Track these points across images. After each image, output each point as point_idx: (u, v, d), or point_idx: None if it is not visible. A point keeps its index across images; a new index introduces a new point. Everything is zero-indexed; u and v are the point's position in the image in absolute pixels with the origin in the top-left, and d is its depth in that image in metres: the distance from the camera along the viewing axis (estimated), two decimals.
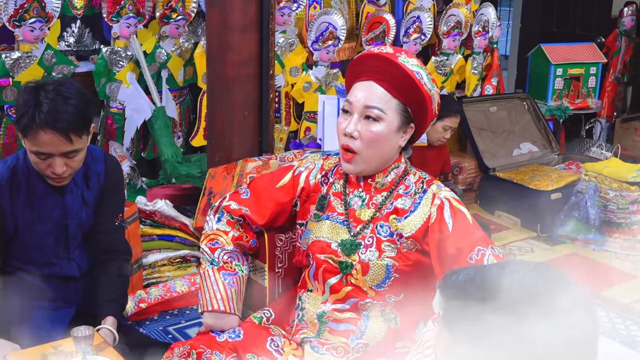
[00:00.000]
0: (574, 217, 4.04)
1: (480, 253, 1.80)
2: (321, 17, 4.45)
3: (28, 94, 2.03)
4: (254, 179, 2.11)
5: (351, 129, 1.86)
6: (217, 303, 1.97)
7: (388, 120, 1.86)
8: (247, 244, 2.06)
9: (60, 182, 2.13)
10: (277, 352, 1.91)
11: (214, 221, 2.06)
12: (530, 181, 4.25)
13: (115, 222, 2.31)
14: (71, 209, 2.21)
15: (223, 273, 1.99)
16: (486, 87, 5.45)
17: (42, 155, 2.04)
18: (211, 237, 2.03)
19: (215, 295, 1.98)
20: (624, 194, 4.06)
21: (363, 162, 1.88)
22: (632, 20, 5.80)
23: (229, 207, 2.05)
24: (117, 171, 2.33)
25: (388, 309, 1.91)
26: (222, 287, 1.98)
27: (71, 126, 2.01)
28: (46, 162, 2.06)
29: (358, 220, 1.92)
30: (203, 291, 2.00)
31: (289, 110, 4.59)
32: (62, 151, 2.04)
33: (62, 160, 2.06)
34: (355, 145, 1.87)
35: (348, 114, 1.89)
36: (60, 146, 2.03)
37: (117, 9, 3.97)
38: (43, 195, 2.18)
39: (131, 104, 4.08)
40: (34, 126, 1.99)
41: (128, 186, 4.03)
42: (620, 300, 3.31)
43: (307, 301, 1.97)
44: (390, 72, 1.84)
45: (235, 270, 2.02)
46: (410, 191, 1.91)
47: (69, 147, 2.04)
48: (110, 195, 2.29)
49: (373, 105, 1.85)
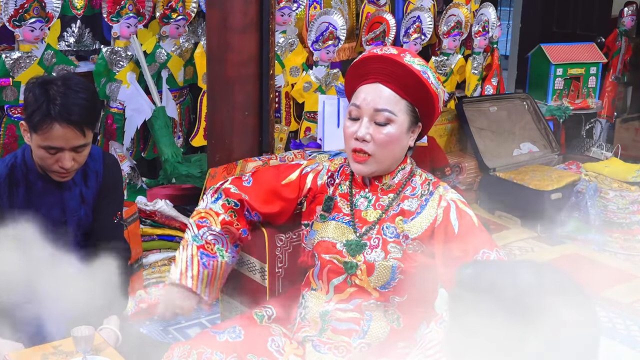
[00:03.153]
0: (574, 217, 4.04)
1: (485, 256, 1.80)
2: (321, 17, 4.45)
3: (38, 89, 2.03)
4: (258, 170, 2.10)
5: (363, 133, 1.84)
6: (185, 279, 1.95)
7: (399, 121, 1.85)
8: (236, 232, 2.04)
9: (66, 177, 2.14)
10: (277, 353, 1.90)
11: (210, 201, 2.05)
12: (530, 181, 4.24)
13: (114, 219, 2.31)
14: (70, 206, 2.21)
15: (201, 252, 1.98)
16: (486, 87, 5.45)
17: (53, 149, 2.05)
18: (202, 215, 2.03)
19: (187, 272, 1.96)
20: (624, 194, 4.06)
21: (376, 163, 1.87)
22: (632, 20, 5.80)
23: (228, 191, 2.05)
24: (116, 169, 2.34)
25: (391, 310, 1.91)
26: (197, 265, 1.96)
27: (85, 119, 2.04)
28: (55, 157, 2.07)
29: (364, 221, 1.91)
30: (176, 263, 1.98)
31: (289, 110, 4.59)
32: (73, 145, 2.05)
33: (70, 155, 2.07)
34: (368, 148, 1.85)
35: (356, 118, 1.88)
36: (72, 140, 2.04)
37: (117, 9, 3.97)
38: (41, 192, 2.18)
39: (131, 104, 4.08)
40: (49, 120, 2.00)
41: (128, 186, 4.02)
42: (620, 300, 3.30)
43: (310, 300, 1.96)
44: (397, 73, 1.83)
45: (216, 253, 2.00)
46: (417, 193, 1.91)
47: (80, 140, 2.05)
48: (109, 193, 2.29)
49: (383, 108, 1.84)
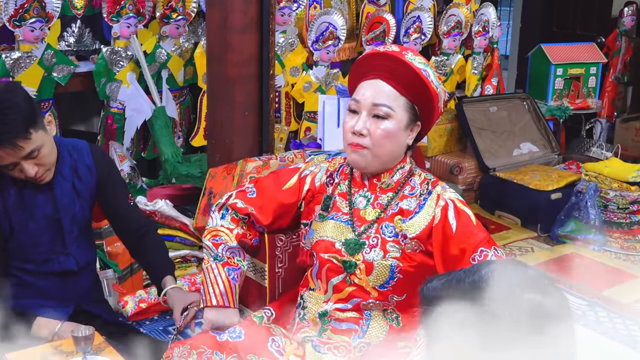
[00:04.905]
0: (574, 217, 4.03)
1: (483, 254, 1.80)
2: (321, 17, 4.45)
3: None
4: (260, 179, 2.12)
5: (360, 127, 1.86)
6: (219, 298, 1.99)
7: (397, 117, 1.86)
8: (249, 242, 2.07)
9: (43, 179, 2.14)
10: (278, 353, 1.91)
11: (218, 217, 2.07)
12: (530, 181, 4.24)
13: (129, 202, 2.38)
14: (62, 202, 2.22)
15: (227, 268, 2.01)
16: (486, 87, 5.45)
17: (10, 165, 2.05)
18: (214, 233, 2.05)
19: (217, 291, 1.99)
20: (624, 194, 4.06)
21: (372, 156, 1.88)
22: (632, 20, 5.80)
23: (235, 205, 2.06)
24: (107, 159, 2.39)
25: (390, 309, 1.91)
26: (226, 282, 2.00)
27: (15, 134, 1.99)
28: (16, 169, 2.07)
29: (362, 220, 1.92)
30: (206, 286, 2.01)
31: (289, 110, 4.59)
32: (21, 156, 2.04)
33: (29, 164, 2.06)
34: (364, 142, 1.86)
35: (355, 113, 1.89)
36: (16, 154, 2.02)
37: (117, 9, 3.97)
38: (33, 192, 2.19)
39: (131, 104, 4.08)
40: None
41: (128, 186, 4.02)
42: (620, 300, 3.30)
43: (309, 300, 1.96)
44: (397, 70, 1.84)
45: (238, 265, 2.04)
46: (416, 192, 1.91)
47: (25, 150, 2.03)
48: (110, 182, 2.33)
49: (381, 103, 1.85)
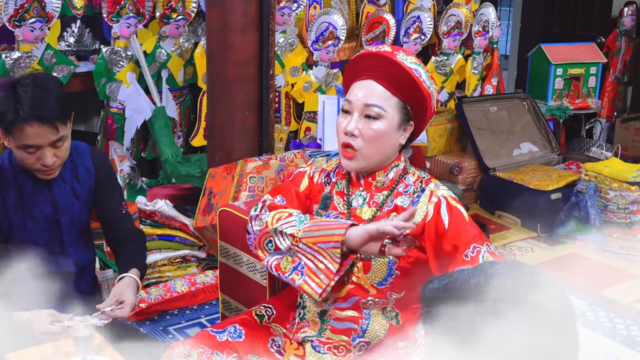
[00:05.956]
0: (574, 217, 4.04)
1: (475, 250, 1.80)
2: (321, 17, 4.45)
3: (5, 91, 2.03)
4: (276, 188, 2.06)
5: (352, 127, 1.87)
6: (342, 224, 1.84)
7: (388, 117, 1.86)
8: None
9: (51, 173, 2.15)
10: (278, 353, 1.91)
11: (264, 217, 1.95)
12: (530, 181, 4.24)
13: (121, 210, 2.36)
14: (61, 203, 2.23)
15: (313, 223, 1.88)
16: (486, 87, 5.45)
17: (31, 148, 2.07)
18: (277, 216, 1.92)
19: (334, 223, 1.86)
20: (624, 194, 4.06)
21: (364, 159, 1.89)
22: (632, 20, 5.80)
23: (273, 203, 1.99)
24: (106, 163, 2.38)
25: (389, 307, 1.92)
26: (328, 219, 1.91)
27: (55, 115, 2.04)
28: (35, 155, 2.08)
29: (359, 219, 1.92)
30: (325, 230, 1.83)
31: (289, 110, 4.59)
32: (50, 140, 2.07)
33: (50, 151, 2.09)
34: (356, 143, 1.87)
35: (348, 113, 1.90)
36: (48, 136, 2.05)
37: (117, 9, 3.97)
38: (32, 192, 2.19)
39: (131, 104, 4.08)
40: (19, 120, 2.01)
41: (128, 186, 4.03)
42: (620, 300, 3.30)
43: (308, 299, 1.97)
44: (389, 70, 1.85)
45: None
46: (410, 190, 1.92)
47: (56, 135, 2.06)
48: (107, 187, 2.33)
49: (373, 103, 1.86)
